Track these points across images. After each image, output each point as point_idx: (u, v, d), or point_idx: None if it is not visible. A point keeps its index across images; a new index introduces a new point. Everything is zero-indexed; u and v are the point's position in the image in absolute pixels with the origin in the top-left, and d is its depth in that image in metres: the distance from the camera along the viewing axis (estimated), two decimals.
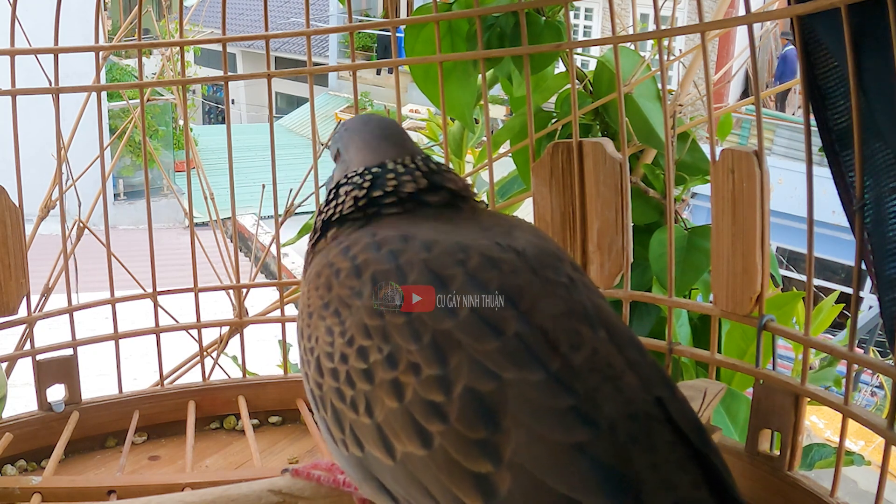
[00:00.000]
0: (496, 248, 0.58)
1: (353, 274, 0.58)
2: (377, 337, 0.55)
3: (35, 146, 1.44)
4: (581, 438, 0.49)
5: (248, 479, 0.73)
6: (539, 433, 0.49)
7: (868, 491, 1.74)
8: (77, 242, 1.51)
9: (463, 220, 0.63)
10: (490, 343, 0.52)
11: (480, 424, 0.50)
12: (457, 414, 0.51)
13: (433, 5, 1.12)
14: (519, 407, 0.50)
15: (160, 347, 1.15)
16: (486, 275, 0.55)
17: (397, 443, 0.53)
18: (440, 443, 0.51)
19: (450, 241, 0.58)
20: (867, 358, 0.86)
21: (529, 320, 0.53)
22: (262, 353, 1.59)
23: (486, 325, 0.53)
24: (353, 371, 0.56)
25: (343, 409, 0.57)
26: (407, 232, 0.59)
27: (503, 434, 0.49)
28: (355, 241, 0.61)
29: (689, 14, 5.68)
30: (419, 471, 0.53)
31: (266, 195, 1.48)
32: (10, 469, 1.01)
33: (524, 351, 0.52)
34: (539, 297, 0.55)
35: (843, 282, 7.20)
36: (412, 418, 0.52)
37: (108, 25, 2.50)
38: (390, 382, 0.53)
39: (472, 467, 0.50)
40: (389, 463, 0.54)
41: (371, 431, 0.55)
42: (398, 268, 0.56)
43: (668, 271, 1.03)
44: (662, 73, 1.02)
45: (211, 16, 2.78)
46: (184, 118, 1.45)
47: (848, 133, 0.79)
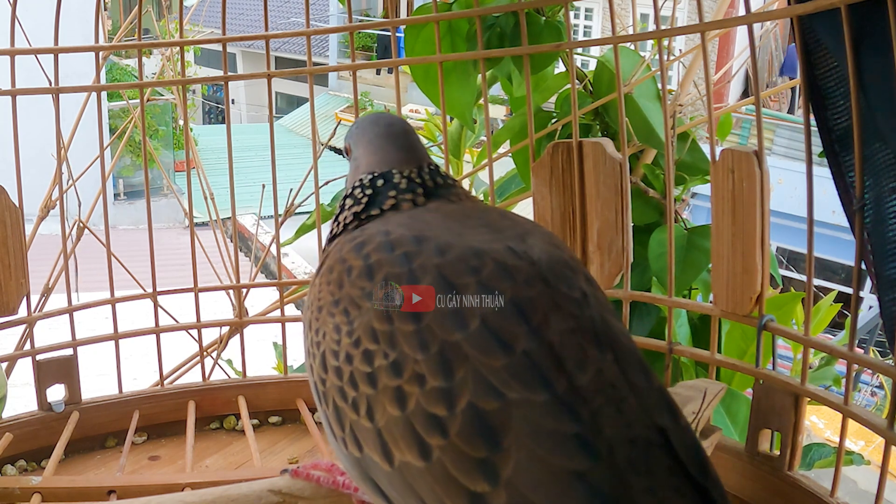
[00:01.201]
0: (510, 254, 0.57)
1: (365, 274, 0.57)
2: (384, 342, 0.54)
3: (35, 146, 1.44)
4: (581, 466, 0.48)
5: (248, 479, 0.73)
6: (539, 456, 0.48)
7: (868, 491, 1.74)
8: (77, 242, 1.51)
9: (474, 217, 0.63)
10: (498, 359, 0.51)
11: (481, 443, 0.49)
12: (458, 429, 0.50)
13: (433, 5, 1.12)
14: (522, 428, 0.49)
15: (160, 347, 1.15)
16: (500, 285, 0.54)
17: (396, 450, 0.53)
18: (439, 457, 0.51)
19: (464, 246, 0.57)
20: (867, 358, 0.86)
21: (540, 336, 0.52)
22: (262, 353, 1.60)
23: (496, 340, 0.52)
24: (356, 373, 0.55)
25: (344, 409, 0.57)
26: (420, 232, 0.59)
27: (503, 454, 0.49)
28: (369, 238, 0.60)
29: (689, 14, 5.68)
30: (416, 481, 0.52)
31: (266, 195, 1.48)
32: (10, 469, 1.01)
33: (531, 370, 0.51)
34: (550, 312, 0.54)
35: (843, 282, 7.20)
36: (413, 429, 0.52)
37: (108, 25, 2.51)
38: (394, 390, 0.53)
39: (468, 485, 0.49)
40: (387, 468, 0.54)
41: (371, 435, 0.55)
42: (411, 272, 0.55)
43: (668, 271, 1.03)
44: (662, 73, 1.02)
45: (211, 16, 2.78)
46: (184, 118, 1.45)
47: (848, 133, 0.79)
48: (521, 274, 0.55)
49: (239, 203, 1.16)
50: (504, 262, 0.56)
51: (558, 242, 0.63)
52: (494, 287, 0.54)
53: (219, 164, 1.59)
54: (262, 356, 1.59)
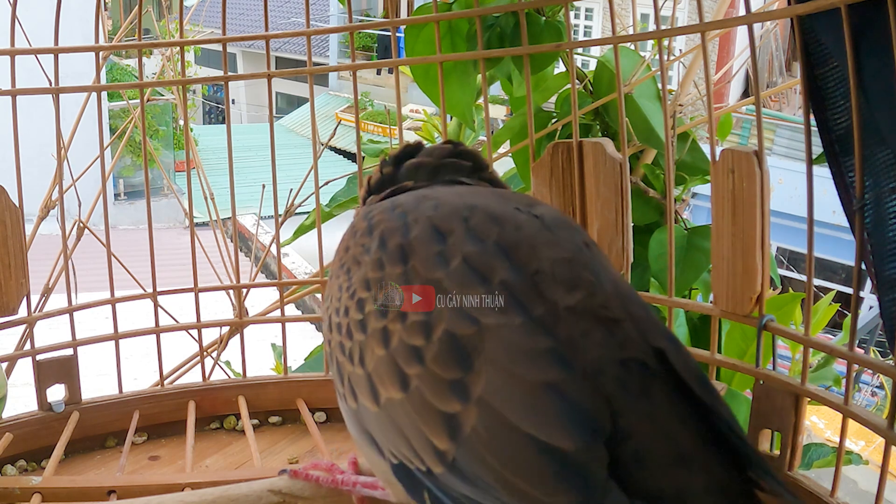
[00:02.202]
0: (510, 211, 0.58)
1: (366, 233, 0.60)
2: (375, 288, 0.56)
3: (35, 146, 1.44)
4: (553, 377, 0.48)
5: (248, 479, 0.73)
6: (511, 372, 0.49)
7: (868, 491, 1.74)
8: (77, 242, 1.51)
9: (490, 192, 0.65)
10: (475, 290, 0.52)
11: (454, 365, 0.50)
12: (433, 355, 0.51)
13: (433, 5, 1.12)
14: (494, 348, 0.50)
15: (160, 347, 1.15)
16: (486, 229, 0.56)
17: (382, 389, 0.54)
18: (417, 385, 0.52)
19: (461, 203, 0.59)
20: (867, 358, 0.86)
21: (520, 268, 0.53)
22: (262, 353, 1.60)
23: (474, 273, 0.53)
24: (352, 323, 0.57)
25: (344, 363, 0.58)
26: (424, 195, 0.61)
27: (475, 374, 0.49)
28: (378, 206, 0.63)
29: (689, 14, 5.69)
30: (398, 415, 0.53)
31: (266, 195, 1.48)
32: (10, 469, 1.01)
33: (507, 297, 0.52)
34: (543, 246, 0.55)
35: (843, 282, 7.21)
36: (395, 364, 0.53)
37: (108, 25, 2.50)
38: (380, 331, 0.55)
39: (442, 407, 0.50)
40: (375, 410, 0.55)
41: (363, 381, 0.56)
42: (405, 224, 0.58)
43: (668, 271, 1.03)
44: (662, 73, 1.02)
45: (211, 16, 2.78)
46: (184, 118, 1.45)
47: (848, 133, 0.79)
48: (511, 223, 0.57)
49: (239, 203, 1.16)
50: (494, 213, 0.57)
51: (566, 216, 0.65)
52: (481, 231, 0.55)
53: (219, 164, 1.59)
54: (262, 356, 1.59)
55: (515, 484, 0.47)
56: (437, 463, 0.50)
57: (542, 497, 0.46)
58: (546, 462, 0.46)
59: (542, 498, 0.46)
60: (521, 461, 0.47)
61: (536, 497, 0.46)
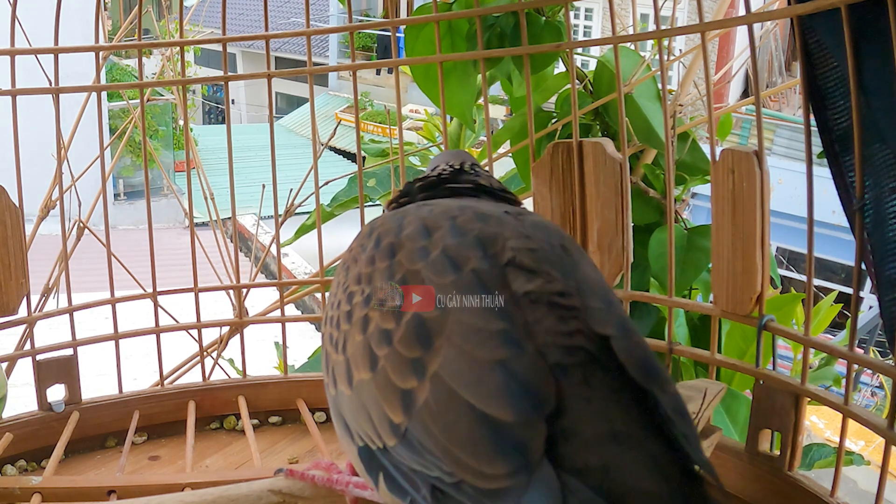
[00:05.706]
0: (499, 212, 0.62)
1: (366, 235, 0.64)
2: (364, 282, 0.60)
3: (35, 146, 1.44)
4: (502, 355, 0.50)
5: (248, 479, 0.73)
6: (465, 350, 0.51)
7: (868, 491, 1.74)
8: (77, 242, 1.51)
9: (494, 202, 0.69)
10: (447, 278, 0.55)
11: (417, 345, 0.53)
12: (400, 336, 0.54)
13: (433, 5, 1.12)
14: (453, 329, 0.53)
15: (160, 347, 1.15)
16: (470, 226, 0.59)
17: (356, 372, 0.57)
18: (383, 365, 0.54)
19: (456, 205, 0.63)
20: (867, 358, 0.86)
21: (493, 260, 0.56)
22: (263, 353, 1.60)
23: (449, 263, 0.56)
24: (341, 315, 0.60)
25: (330, 352, 0.61)
26: (428, 202, 0.65)
27: (433, 352, 0.52)
28: (385, 213, 0.67)
29: (689, 14, 5.69)
30: (365, 395, 0.55)
31: (266, 195, 1.48)
32: (10, 469, 1.01)
33: (475, 284, 0.55)
34: (514, 239, 0.58)
35: (843, 282, 7.21)
36: (369, 346, 0.56)
37: (108, 25, 2.51)
38: (362, 319, 0.58)
39: (401, 384, 0.53)
40: (349, 393, 0.57)
41: (342, 367, 0.59)
42: (400, 225, 0.61)
43: (668, 271, 1.03)
44: (662, 73, 1.02)
45: (211, 16, 2.78)
46: (184, 118, 1.45)
47: (848, 133, 0.79)
48: (494, 220, 0.60)
49: (239, 203, 1.16)
50: (482, 212, 0.61)
51: (560, 230, 0.67)
52: (464, 227, 0.59)
53: (219, 164, 1.59)
54: (263, 356, 1.59)
55: (455, 453, 0.49)
56: (391, 436, 0.53)
57: (478, 466, 0.48)
58: (485, 432, 0.48)
59: (478, 467, 0.48)
60: (462, 430, 0.49)
61: (473, 466, 0.48)
